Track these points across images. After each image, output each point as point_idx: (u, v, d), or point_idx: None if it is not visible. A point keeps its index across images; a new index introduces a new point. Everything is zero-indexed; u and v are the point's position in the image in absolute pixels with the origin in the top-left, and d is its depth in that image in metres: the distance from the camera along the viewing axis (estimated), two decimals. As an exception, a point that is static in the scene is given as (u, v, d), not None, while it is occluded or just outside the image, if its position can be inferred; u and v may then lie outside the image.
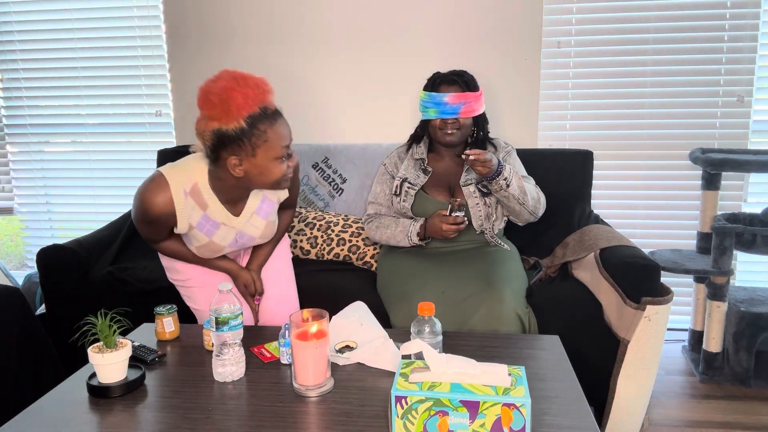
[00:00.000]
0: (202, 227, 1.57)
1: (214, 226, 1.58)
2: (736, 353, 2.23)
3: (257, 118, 1.41)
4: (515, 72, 2.53)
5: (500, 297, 1.70)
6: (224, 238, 1.62)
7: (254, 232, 1.66)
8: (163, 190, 1.49)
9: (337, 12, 2.57)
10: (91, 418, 1.19)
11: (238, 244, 1.68)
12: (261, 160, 1.44)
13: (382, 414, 1.16)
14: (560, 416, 1.14)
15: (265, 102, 1.43)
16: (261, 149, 1.42)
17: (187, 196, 1.51)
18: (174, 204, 1.50)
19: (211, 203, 1.55)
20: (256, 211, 1.64)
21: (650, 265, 1.71)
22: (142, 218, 1.54)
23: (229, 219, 1.59)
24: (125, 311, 1.50)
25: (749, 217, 2.34)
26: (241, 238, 1.66)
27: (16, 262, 4.17)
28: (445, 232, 1.84)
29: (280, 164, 1.47)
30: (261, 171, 1.46)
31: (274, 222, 1.71)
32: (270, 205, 1.66)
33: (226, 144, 1.41)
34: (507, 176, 1.82)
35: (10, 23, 2.79)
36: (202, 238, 1.60)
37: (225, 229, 1.60)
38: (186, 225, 1.55)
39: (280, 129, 1.45)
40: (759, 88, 2.46)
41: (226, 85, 1.40)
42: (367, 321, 1.55)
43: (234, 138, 1.40)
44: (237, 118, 1.39)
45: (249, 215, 1.63)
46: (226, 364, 1.32)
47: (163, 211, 1.50)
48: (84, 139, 2.88)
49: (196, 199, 1.53)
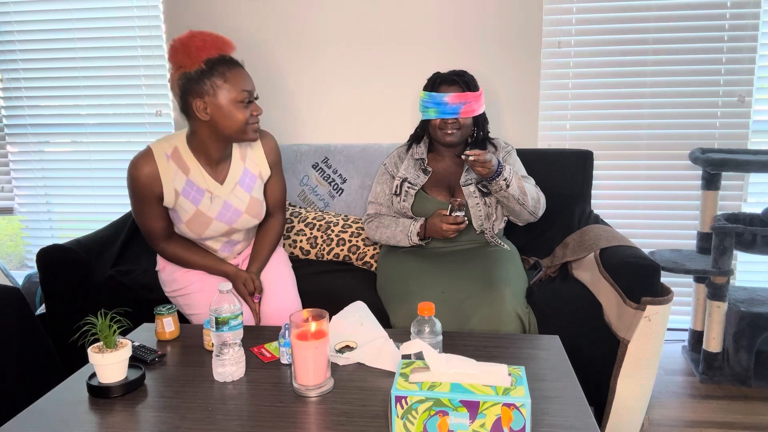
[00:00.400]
0: (187, 194, 1.67)
1: (199, 192, 1.68)
2: (736, 353, 2.23)
3: (216, 62, 1.57)
4: (515, 72, 2.53)
5: (500, 297, 1.70)
6: (210, 208, 1.70)
7: (240, 204, 1.74)
8: (147, 157, 1.64)
9: (337, 12, 2.57)
10: (91, 418, 1.19)
11: (227, 219, 1.74)
12: (223, 101, 1.57)
13: (382, 414, 1.16)
14: (560, 416, 1.14)
15: (224, 50, 1.60)
16: (221, 90, 1.56)
17: (169, 160, 1.65)
18: (158, 169, 1.63)
19: (192, 166, 1.67)
20: (239, 182, 1.74)
21: (650, 265, 1.71)
22: (132, 191, 1.66)
23: (213, 186, 1.70)
24: (125, 311, 1.50)
25: (749, 217, 2.34)
26: (228, 211, 1.73)
27: (16, 262, 4.17)
28: (445, 231, 1.84)
29: (243, 108, 1.60)
30: (224, 114, 1.58)
31: (260, 202, 1.79)
32: (252, 178, 1.77)
33: (191, 88, 1.57)
34: (507, 177, 1.82)
35: (10, 23, 2.79)
36: (189, 207, 1.68)
37: (209, 197, 1.70)
38: (172, 192, 1.66)
39: (238, 73, 1.60)
40: (759, 88, 2.46)
41: (187, 34, 1.59)
42: (367, 321, 1.56)
43: (196, 79, 1.56)
44: (197, 60, 1.55)
45: (232, 185, 1.73)
46: (226, 364, 1.32)
47: (148, 177, 1.63)
48: (84, 139, 2.88)
49: (178, 162, 1.66)
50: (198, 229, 1.72)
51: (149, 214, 1.70)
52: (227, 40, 1.64)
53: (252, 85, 1.64)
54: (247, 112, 1.61)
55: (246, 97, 1.60)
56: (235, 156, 1.75)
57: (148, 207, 1.68)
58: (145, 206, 1.68)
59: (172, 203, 1.68)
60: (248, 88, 1.61)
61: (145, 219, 1.71)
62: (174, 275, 1.81)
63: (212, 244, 1.80)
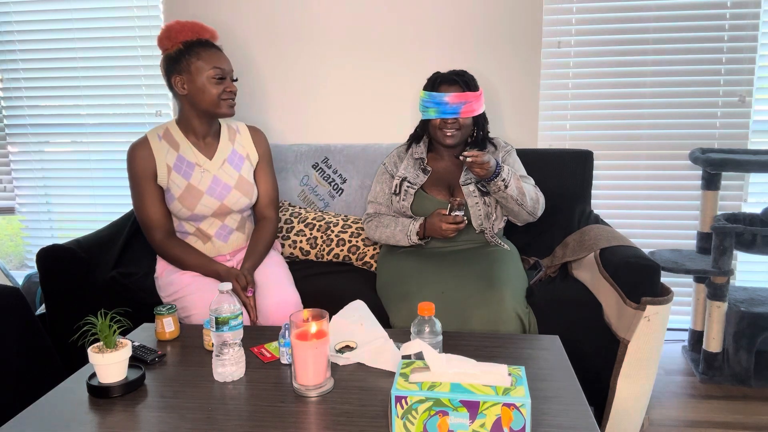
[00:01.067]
0: (179, 169, 1.83)
1: (189, 167, 1.84)
2: (736, 353, 2.23)
3: (193, 43, 1.78)
4: (515, 72, 2.53)
5: (500, 297, 1.70)
6: (201, 182, 1.84)
7: (229, 180, 1.88)
8: (142, 140, 1.84)
9: (337, 12, 2.57)
10: (91, 418, 1.19)
11: (217, 194, 1.86)
12: (197, 77, 1.76)
13: (382, 414, 1.16)
14: (560, 416, 1.14)
15: (200, 34, 1.80)
16: (195, 66, 1.76)
17: (161, 140, 1.84)
18: (151, 148, 1.82)
19: (182, 143, 1.85)
20: (227, 159, 1.90)
21: (650, 265, 1.71)
22: (131, 174, 1.82)
23: (202, 160, 1.86)
24: (125, 311, 1.51)
25: (749, 217, 2.34)
26: (218, 186, 1.86)
27: (16, 262, 4.17)
28: (445, 231, 1.84)
29: (216, 84, 1.77)
30: (199, 88, 1.77)
31: (250, 183, 1.93)
32: (241, 159, 1.92)
33: (172, 67, 1.78)
34: (505, 177, 1.82)
35: (10, 23, 2.79)
36: (181, 182, 1.82)
37: (200, 171, 1.84)
38: (164, 167, 1.82)
39: (212, 52, 1.79)
40: (759, 88, 2.46)
41: (171, 22, 1.82)
42: (367, 321, 1.56)
43: (175, 59, 1.78)
44: (176, 42, 1.78)
45: (221, 161, 1.88)
46: (226, 364, 1.32)
47: (143, 158, 1.81)
48: (84, 139, 2.88)
49: (169, 141, 1.85)
50: (190, 203, 1.83)
51: (147, 199, 1.82)
52: (205, 26, 1.84)
53: (226, 65, 1.80)
54: (220, 88, 1.78)
55: (218, 74, 1.77)
56: (224, 137, 1.93)
57: (146, 189, 1.82)
58: (142, 188, 1.82)
59: (166, 180, 1.82)
60: (220, 66, 1.78)
61: (143, 206, 1.83)
62: (171, 277, 1.84)
63: (207, 229, 1.89)
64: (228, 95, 1.80)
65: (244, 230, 1.98)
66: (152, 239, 1.86)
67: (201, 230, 1.88)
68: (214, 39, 1.86)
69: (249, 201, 1.92)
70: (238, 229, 1.95)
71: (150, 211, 1.83)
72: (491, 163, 1.78)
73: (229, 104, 1.82)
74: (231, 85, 1.81)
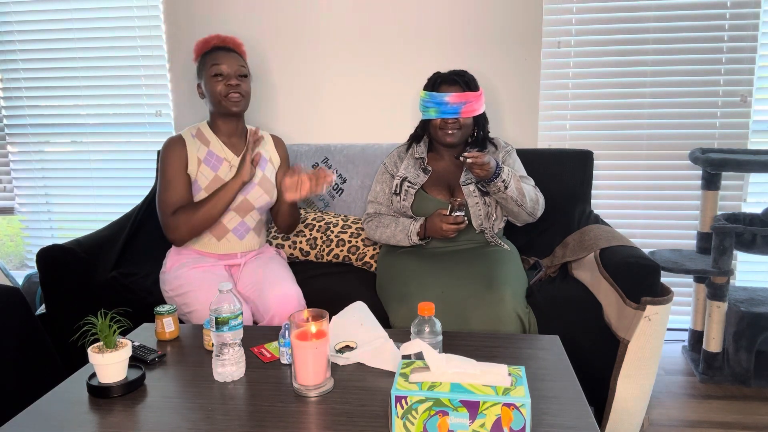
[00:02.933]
0: (208, 162, 1.92)
1: (218, 161, 1.93)
2: (736, 353, 2.23)
3: (206, 53, 1.93)
4: (515, 72, 2.53)
5: (500, 297, 1.70)
6: (228, 176, 1.92)
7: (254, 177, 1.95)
8: (177, 137, 1.95)
9: (337, 12, 2.57)
10: (91, 418, 1.19)
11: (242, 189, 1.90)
12: (205, 79, 1.91)
13: (382, 414, 1.16)
14: (560, 416, 1.14)
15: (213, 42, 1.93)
16: (202, 71, 1.92)
17: (194, 138, 1.95)
18: (185, 143, 1.92)
19: (212, 140, 1.96)
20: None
21: (650, 265, 1.71)
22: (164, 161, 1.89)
23: (230, 156, 1.95)
24: (125, 311, 1.51)
25: (749, 217, 2.34)
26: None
27: (16, 262, 4.17)
28: (445, 231, 1.84)
29: (217, 82, 1.88)
30: (207, 90, 1.91)
31: (271, 182, 2.00)
32: (264, 161, 2.02)
33: (197, 77, 1.96)
34: (505, 178, 1.82)
35: (10, 23, 2.79)
36: (209, 173, 1.91)
37: (227, 166, 1.93)
38: (195, 160, 1.91)
39: (214, 54, 1.90)
40: (759, 88, 2.46)
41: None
42: (367, 321, 1.55)
43: (197, 69, 1.95)
44: (197, 56, 1.96)
45: None
46: (226, 364, 1.32)
47: (177, 150, 1.90)
48: (84, 139, 2.88)
49: (201, 138, 1.95)
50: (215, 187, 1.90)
51: (174, 181, 1.88)
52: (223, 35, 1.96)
53: (225, 62, 1.88)
54: (221, 85, 1.87)
55: (215, 71, 1.87)
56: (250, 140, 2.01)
57: (175, 174, 1.89)
58: (172, 174, 1.89)
59: (195, 172, 1.91)
60: (217, 62, 1.88)
61: (169, 187, 1.88)
62: (178, 272, 1.86)
63: (227, 223, 1.94)
64: (227, 89, 1.87)
65: (259, 234, 2.03)
66: (166, 218, 1.86)
67: (221, 223, 1.92)
68: (227, 44, 1.95)
69: (270, 200, 1.98)
70: (254, 229, 1.99)
71: (172, 192, 1.87)
72: (491, 164, 1.78)
73: (232, 99, 1.88)
74: (232, 79, 1.88)
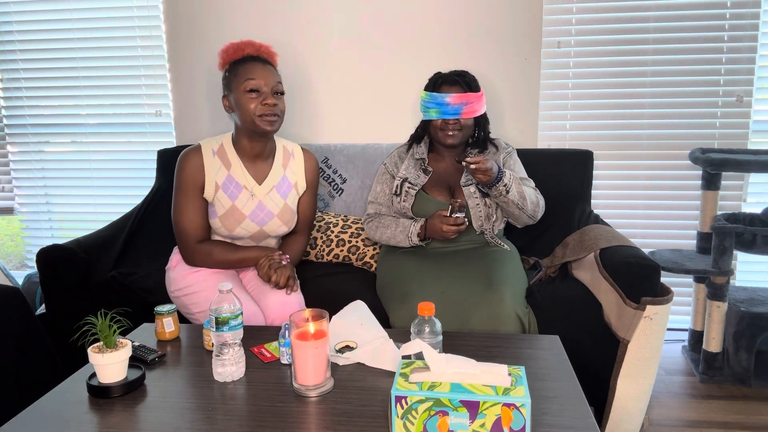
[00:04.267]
0: (226, 188, 1.79)
1: (237, 188, 1.80)
2: (736, 353, 2.23)
3: (237, 61, 1.76)
4: (515, 72, 2.53)
5: (500, 297, 1.70)
6: (245, 206, 1.80)
7: (273, 208, 1.84)
8: (196, 150, 1.80)
9: (337, 12, 2.57)
10: (91, 418, 1.19)
11: (259, 219, 1.83)
12: (235, 92, 1.74)
13: (382, 414, 1.16)
14: (560, 416, 1.14)
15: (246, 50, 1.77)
16: (233, 83, 1.74)
17: (215, 155, 1.80)
18: (203, 162, 1.77)
19: (234, 162, 1.81)
20: (276, 186, 1.86)
21: (650, 265, 1.71)
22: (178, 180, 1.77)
23: (251, 184, 1.82)
24: (125, 311, 1.51)
25: (749, 217, 2.34)
26: (261, 212, 1.83)
27: (16, 262, 4.17)
28: (446, 232, 1.84)
29: (251, 99, 1.72)
30: (238, 105, 1.74)
31: (293, 211, 1.91)
32: (289, 187, 1.89)
33: (224, 88, 1.79)
34: (507, 183, 1.83)
35: (10, 23, 2.79)
36: (226, 202, 1.79)
37: (246, 195, 1.80)
38: (213, 184, 1.78)
39: (250, 66, 1.74)
40: (759, 88, 2.46)
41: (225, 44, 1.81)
42: (367, 321, 1.56)
43: (224, 79, 1.79)
44: (224, 63, 1.79)
45: (269, 187, 1.85)
46: (226, 364, 1.32)
47: (194, 168, 1.77)
48: (84, 139, 2.88)
49: (222, 158, 1.81)
50: (230, 225, 1.81)
51: (189, 208, 1.78)
52: (255, 42, 1.80)
53: (261, 77, 1.73)
54: (255, 102, 1.72)
55: (250, 86, 1.71)
56: (277, 161, 1.89)
57: (190, 198, 1.78)
58: (186, 197, 1.78)
59: (212, 196, 1.79)
60: (253, 77, 1.72)
61: (184, 213, 1.78)
62: (184, 272, 1.83)
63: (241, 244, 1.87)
64: (264, 109, 1.72)
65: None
66: (186, 247, 1.81)
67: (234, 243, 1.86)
68: (262, 54, 1.79)
69: (287, 229, 1.91)
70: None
71: (188, 219, 1.79)
72: (493, 169, 1.78)
73: (268, 120, 1.73)
74: (269, 97, 1.73)
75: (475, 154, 2.04)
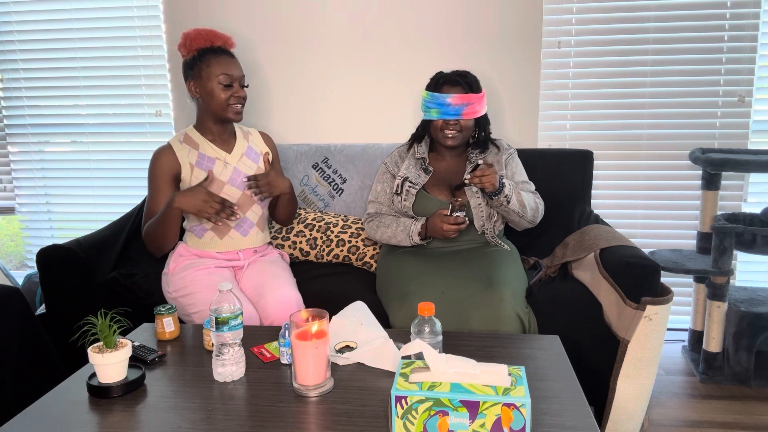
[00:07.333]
0: (200, 165, 1.91)
1: (210, 162, 1.93)
2: (736, 353, 2.23)
3: (205, 50, 1.88)
4: (515, 72, 2.53)
5: (500, 297, 1.70)
6: (223, 173, 1.93)
7: (248, 171, 1.97)
8: (165, 146, 1.94)
9: (338, 12, 2.56)
10: (91, 418, 1.19)
11: (238, 183, 1.94)
12: (206, 82, 1.86)
13: (382, 414, 1.16)
14: (560, 416, 1.14)
15: (214, 41, 1.89)
16: (205, 72, 1.86)
17: (182, 143, 1.94)
18: (174, 152, 1.91)
19: (200, 142, 1.95)
20: (245, 153, 1.99)
21: (650, 265, 1.71)
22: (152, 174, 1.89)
23: (222, 155, 1.95)
24: (125, 311, 1.51)
25: (749, 217, 2.34)
26: (238, 176, 1.95)
27: (16, 262, 4.17)
28: (446, 232, 1.84)
29: (223, 90, 1.86)
30: (209, 93, 1.87)
31: None
32: (257, 155, 2.03)
33: (188, 73, 1.90)
34: (507, 194, 1.84)
35: (10, 23, 2.79)
36: (203, 175, 1.89)
37: (221, 165, 1.93)
38: (187, 166, 1.90)
39: (222, 59, 1.87)
40: (759, 88, 2.46)
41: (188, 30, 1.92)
42: (367, 321, 1.56)
43: (190, 65, 1.89)
44: (190, 49, 1.89)
45: (239, 155, 1.98)
46: (226, 364, 1.32)
47: (167, 161, 1.89)
48: (84, 139, 2.88)
49: (189, 143, 1.94)
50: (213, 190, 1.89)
51: (159, 196, 1.88)
52: (219, 33, 1.92)
53: (235, 71, 1.88)
54: (228, 93, 1.87)
55: (225, 80, 1.86)
56: (239, 136, 2.03)
57: (161, 187, 1.88)
58: (158, 186, 1.88)
59: (189, 177, 1.90)
60: (228, 72, 1.86)
61: (153, 201, 1.89)
62: (183, 273, 1.86)
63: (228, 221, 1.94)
64: (235, 100, 1.88)
65: (263, 230, 2.03)
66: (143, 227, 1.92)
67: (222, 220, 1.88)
68: (228, 46, 1.94)
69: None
70: (258, 224, 2.00)
71: (154, 204, 1.89)
72: (496, 184, 1.79)
73: (235, 110, 1.90)
74: (239, 90, 1.89)
75: (476, 154, 2.05)
